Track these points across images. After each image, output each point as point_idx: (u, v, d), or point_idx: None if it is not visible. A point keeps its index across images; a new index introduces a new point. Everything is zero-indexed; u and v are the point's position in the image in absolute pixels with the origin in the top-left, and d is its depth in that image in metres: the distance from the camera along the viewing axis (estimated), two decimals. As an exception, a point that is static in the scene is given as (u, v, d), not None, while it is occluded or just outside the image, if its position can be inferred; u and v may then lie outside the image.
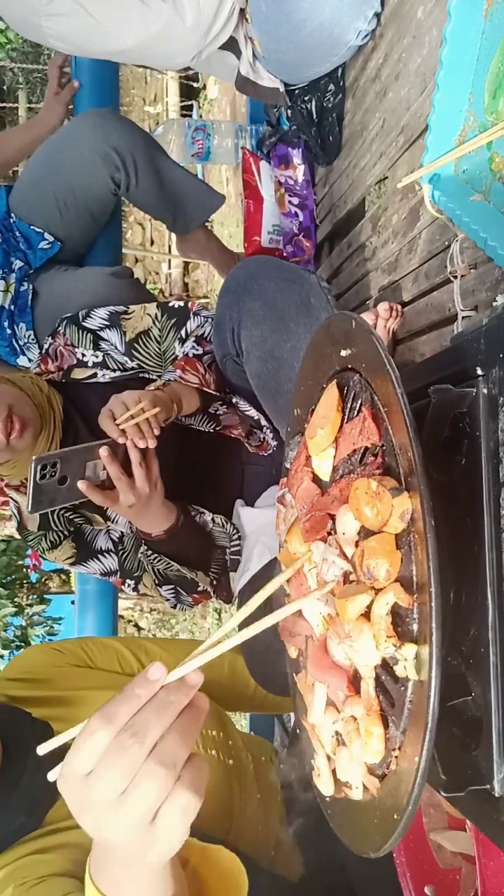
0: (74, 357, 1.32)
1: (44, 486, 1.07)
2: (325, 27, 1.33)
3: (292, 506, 0.80)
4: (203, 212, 1.83)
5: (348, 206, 1.55)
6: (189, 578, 1.30)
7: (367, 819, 0.61)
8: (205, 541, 1.32)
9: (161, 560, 1.28)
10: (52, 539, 1.31)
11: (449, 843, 0.87)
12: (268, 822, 1.19)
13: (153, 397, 1.13)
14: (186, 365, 1.25)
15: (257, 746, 1.31)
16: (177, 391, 1.21)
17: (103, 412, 1.12)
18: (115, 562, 1.33)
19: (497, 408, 0.60)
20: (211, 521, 1.31)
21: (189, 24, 1.55)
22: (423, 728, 0.49)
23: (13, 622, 4.35)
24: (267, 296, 1.15)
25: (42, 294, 1.62)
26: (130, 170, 1.60)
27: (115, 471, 1.08)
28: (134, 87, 5.37)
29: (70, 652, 1.23)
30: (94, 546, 1.33)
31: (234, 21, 1.59)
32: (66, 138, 1.61)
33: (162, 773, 0.48)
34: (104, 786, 0.48)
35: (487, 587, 0.58)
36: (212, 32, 1.58)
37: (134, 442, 1.09)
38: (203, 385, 1.25)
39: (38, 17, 1.53)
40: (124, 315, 1.33)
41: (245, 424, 1.32)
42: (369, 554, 0.57)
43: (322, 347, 0.75)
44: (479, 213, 0.85)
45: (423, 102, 1.12)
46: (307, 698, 0.74)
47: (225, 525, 1.32)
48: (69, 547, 1.32)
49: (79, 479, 1.08)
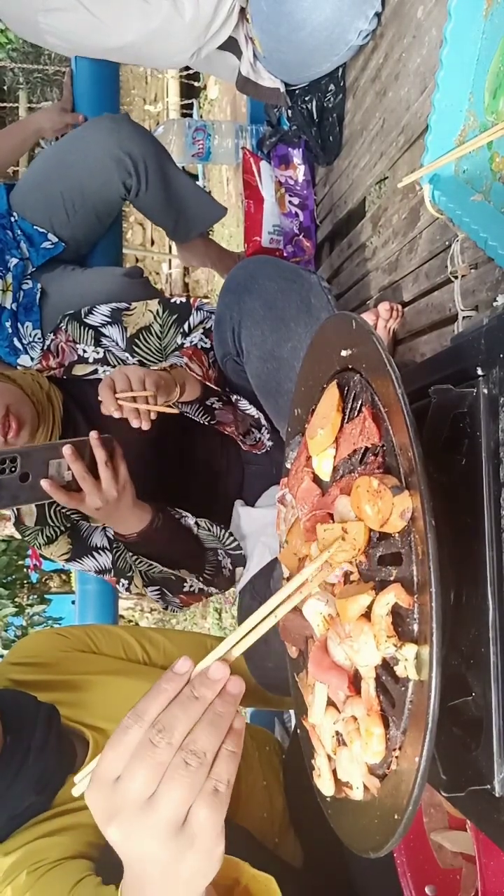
0: (76, 353, 1.32)
1: (3, 482, 1.04)
2: (325, 27, 1.33)
3: (293, 506, 0.80)
4: (203, 222, 1.84)
5: (349, 206, 1.55)
6: (174, 579, 1.30)
7: (367, 819, 0.61)
8: (188, 542, 1.30)
9: (142, 561, 1.28)
10: (48, 534, 1.31)
11: (449, 843, 0.87)
12: (272, 809, 1.19)
13: (157, 377, 1.12)
14: (193, 355, 1.25)
15: (261, 736, 1.32)
16: (181, 375, 1.21)
17: (104, 381, 1.11)
18: (108, 560, 1.32)
19: (497, 408, 0.60)
20: (195, 524, 1.30)
21: (187, 21, 1.54)
22: (424, 728, 0.49)
23: (14, 622, 4.35)
24: (267, 295, 1.15)
25: (52, 293, 1.62)
26: (142, 175, 1.60)
27: (79, 470, 1.06)
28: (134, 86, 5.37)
29: (75, 637, 1.23)
30: (89, 543, 1.33)
31: (233, 20, 1.59)
32: (80, 140, 1.61)
33: (191, 768, 0.45)
34: (133, 787, 0.45)
35: (488, 587, 0.58)
36: (211, 30, 1.58)
37: (128, 420, 1.08)
38: (205, 378, 1.25)
39: (36, 12, 1.53)
40: (126, 311, 1.33)
41: (244, 424, 1.32)
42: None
43: (322, 347, 0.75)
44: (480, 213, 0.85)
45: (424, 102, 1.12)
46: (308, 698, 0.74)
47: (211, 528, 1.31)
48: (65, 542, 1.32)
49: (42, 478, 1.06)
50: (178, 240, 1.90)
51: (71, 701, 1.08)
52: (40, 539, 1.31)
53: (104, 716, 1.08)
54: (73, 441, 1.07)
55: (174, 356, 1.28)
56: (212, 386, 1.26)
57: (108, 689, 1.13)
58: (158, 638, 1.31)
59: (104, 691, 1.13)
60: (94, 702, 1.10)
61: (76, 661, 1.19)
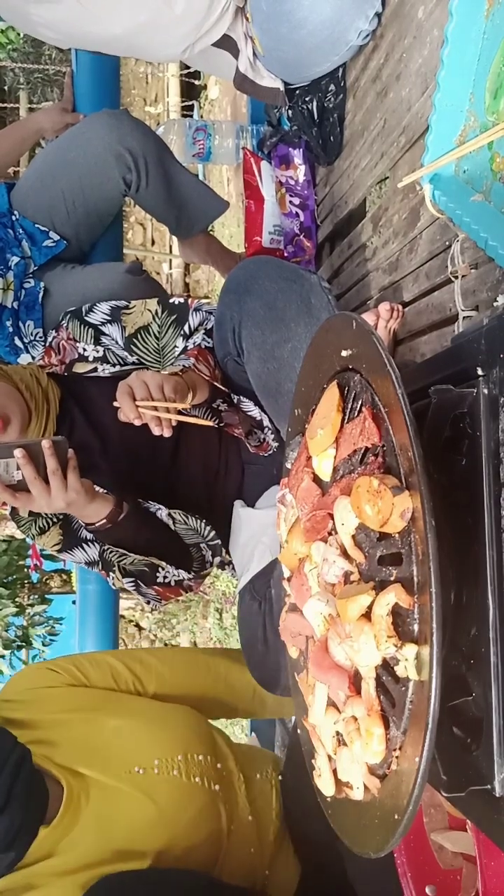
0: (76, 351, 1.32)
1: None
2: (325, 26, 1.33)
3: (293, 506, 0.80)
4: (206, 217, 1.84)
5: (349, 206, 1.55)
6: (147, 570, 1.30)
7: (367, 819, 0.61)
8: (158, 532, 1.30)
9: (114, 552, 1.28)
10: (41, 525, 1.33)
11: (450, 844, 0.87)
12: (261, 842, 1.16)
13: (175, 383, 1.12)
14: (199, 355, 1.25)
15: (253, 763, 1.27)
16: (194, 379, 1.21)
17: (121, 387, 1.10)
18: (95, 552, 1.33)
19: (497, 408, 0.60)
20: (168, 516, 1.30)
21: (178, 14, 1.53)
22: (424, 728, 0.49)
23: (14, 622, 4.34)
24: (267, 296, 1.15)
25: (54, 292, 1.62)
26: (142, 171, 1.60)
27: (29, 473, 1.06)
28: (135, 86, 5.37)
29: (65, 671, 1.21)
30: (79, 534, 1.34)
31: (228, 18, 1.58)
32: (80, 137, 1.61)
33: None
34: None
35: (488, 587, 0.58)
36: (204, 27, 1.57)
37: (148, 426, 1.08)
38: (213, 378, 1.25)
39: (27, 4, 1.53)
40: (125, 310, 1.33)
41: (245, 424, 1.32)
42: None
43: (323, 348, 0.75)
44: (480, 214, 0.85)
45: (424, 103, 1.12)
46: (308, 698, 0.74)
47: (188, 520, 1.31)
48: (56, 533, 1.33)
49: None
50: (181, 236, 1.89)
51: (52, 740, 1.06)
52: (34, 529, 1.33)
53: (82, 759, 1.05)
54: (29, 443, 1.07)
55: (181, 359, 1.28)
56: (219, 386, 1.26)
57: (90, 729, 1.11)
58: (150, 661, 1.28)
59: (86, 730, 1.11)
60: (74, 742, 1.08)
61: (61, 698, 1.17)
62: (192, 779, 1.08)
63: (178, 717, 1.18)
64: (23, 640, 4.32)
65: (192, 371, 1.23)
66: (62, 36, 1.62)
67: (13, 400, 1.17)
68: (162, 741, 1.11)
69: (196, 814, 1.06)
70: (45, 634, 4.42)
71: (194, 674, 1.32)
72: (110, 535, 1.25)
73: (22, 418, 1.17)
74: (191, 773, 1.09)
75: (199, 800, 1.07)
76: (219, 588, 4.19)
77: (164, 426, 1.09)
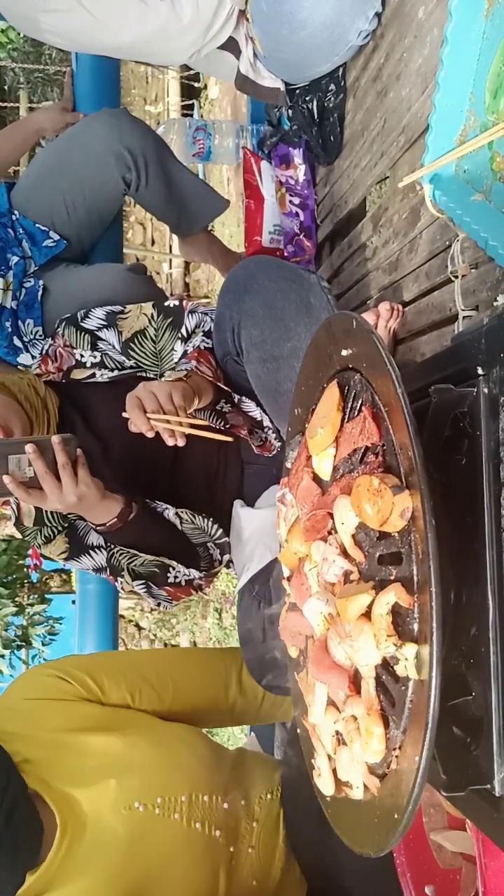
0: (73, 358, 1.32)
1: None
2: (326, 27, 1.33)
3: (293, 505, 0.80)
4: (207, 215, 1.84)
5: (349, 205, 1.55)
6: (158, 571, 1.30)
7: (367, 818, 0.61)
8: (167, 531, 1.30)
9: (123, 554, 1.28)
10: (46, 534, 1.32)
11: (449, 843, 0.87)
12: (265, 873, 1.11)
13: (183, 390, 1.12)
14: (200, 356, 1.25)
15: (255, 784, 1.18)
16: (198, 383, 1.20)
17: (131, 400, 1.10)
18: (103, 558, 1.33)
19: (498, 407, 0.60)
20: (175, 515, 1.30)
21: (186, 23, 1.55)
22: (424, 727, 0.49)
23: (14, 622, 4.35)
24: (267, 295, 1.14)
25: (54, 290, 1.62)
26: (141, 170, 1.60)
27: (40, 468, 1.05)
28: (135, 86, 5.37)
29: (80, 683, 1.12)
30: (86, 542, 1.33)
31: (233, 22, 1.60)
32: (79, 136, 1.61)
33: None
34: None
35: (488, 586, 0.58)
36: (210, 32, 1.59)
37: (161, 437, 1.08)
38: (216, 379, 1.24)
39: (37, 13, 1.54)
40: (121, 315, 1.33)
41: (246, 424, 1.32)
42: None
43: (323, 347, 0.75)
44: (480, 213, 0.85)
45: (424, 102, 1.12)
46: (308, 698, 0.74)
47: (194, 519, 1.31)
48: (62, 542, 1.33)
49: (3, 474, 1.06)
50: (182, 234, 1.89)
51: (50, 761, 1.01)
52: (39, 539, 1.32)
53: (81, 785, 1.00)
54: (38, 439, 1.07)
55: (183, 363, 1.28)
56: (223, 387, 1.26)
57: (95, 752, 1.05)
58: (165, 669, 1.21)
59: (90, 754, 1.04)
60: (73, 766, 1.02)
61: (69, 714, 1.09)
62: (193, 825, 1.03)
63: (188, 747, 1.11)
64: (22, 639, 4.32)
65: (196, 374, 1.23)
66: (71, 43, 1.63)
67: (13, 411, 1.17)
68: (169, 777, 1.04)
69: (190, 862, 1.01)
70: (45, 634, 4.42)
71: (208, 683, 1.27)
72: (121, 536, 1.24)
73: (23, 429, 1.17)
74: (192, 819, 1.03)
75: (195, 848, 1.02)
76: (218, 588, 4.19)
77: (177, 436, 1.09)
